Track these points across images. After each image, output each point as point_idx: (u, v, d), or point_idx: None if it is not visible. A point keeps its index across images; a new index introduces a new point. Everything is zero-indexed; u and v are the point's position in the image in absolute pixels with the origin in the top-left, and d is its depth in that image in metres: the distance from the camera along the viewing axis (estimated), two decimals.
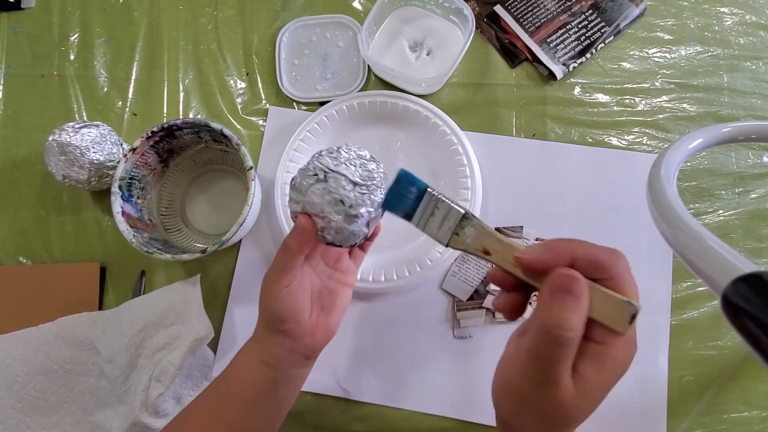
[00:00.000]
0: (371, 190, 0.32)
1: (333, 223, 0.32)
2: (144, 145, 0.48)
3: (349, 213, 0.31)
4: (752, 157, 0.53)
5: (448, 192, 0.51)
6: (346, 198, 0.31)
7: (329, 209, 0.31)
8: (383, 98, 0.52)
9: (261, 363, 0.35)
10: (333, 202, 0.31)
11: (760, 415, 0.47)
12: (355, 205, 0.31)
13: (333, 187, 0.31)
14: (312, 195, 0.32)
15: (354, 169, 0.32)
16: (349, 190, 0.31)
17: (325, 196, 0.31)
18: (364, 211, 0.32)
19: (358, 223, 0.32)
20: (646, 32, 0.56)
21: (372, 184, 0.32)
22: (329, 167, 0.32)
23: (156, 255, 0.45)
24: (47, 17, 0.59)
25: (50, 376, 0.48)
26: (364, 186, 0.32)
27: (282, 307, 0.33)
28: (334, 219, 0.31)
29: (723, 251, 0.23)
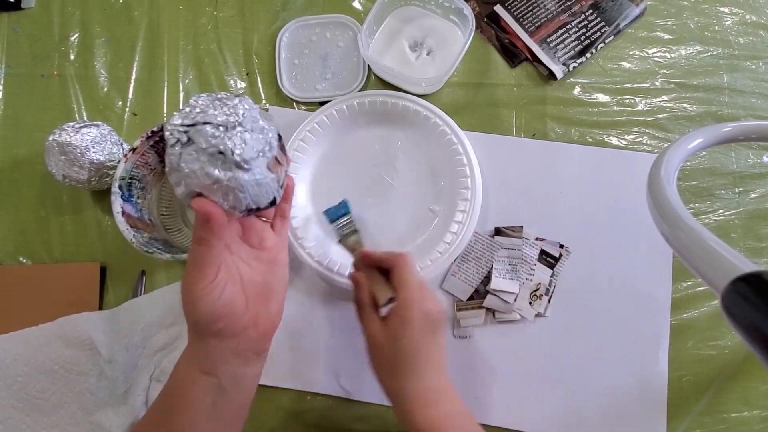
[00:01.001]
0: (249, 126, 0.26)
1: (229, 182, 0.26)
2: (144, 144, 0.48)
3: (237, 161, 0.25)
4: (752, 156, 0.53)
5: (448, 191, 0.51)
6: (223, 145, 0.25)
7: (214, 169, 0.25)
8: (383, 98, 0.52)
9: (201, 373, 0.31)
10: (213, 160, 0.25)
11: (760, 414, 0.47)
12: (238, 148, 0.25)
13: (202, 142, 0.25)
14: (186, 164, 0.26)
15: (214, 112, 0.26)
16: (221, 136, 0.25)
17: (200, 155, 0.25)
18: (252, 151, 0.26)
19: (256, 168, 0.26)
20: (646, 32, 0.56)
21: (244, 118, 0.26)
22: (186, 124, 0.26)
23: (156, 255, 0.45)
24: (47, 17, 0.59)
25: (50, 376, 0.48)
26: (236, 124, 0.26)
27: (210, 305, 0.29)
28: (226, 178, 0.26)
29: (723, 251, 0.23)
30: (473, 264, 0.50)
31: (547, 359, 0.49)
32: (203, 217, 0.27)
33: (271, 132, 0.28)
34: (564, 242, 0.51)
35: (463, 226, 0.49)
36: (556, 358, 0.49)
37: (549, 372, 0.49)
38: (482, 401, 0.48)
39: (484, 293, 0.50)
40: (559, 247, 0.51)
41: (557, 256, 0.50)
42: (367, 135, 0.54)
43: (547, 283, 0.50)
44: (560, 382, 0.49)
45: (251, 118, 0.26)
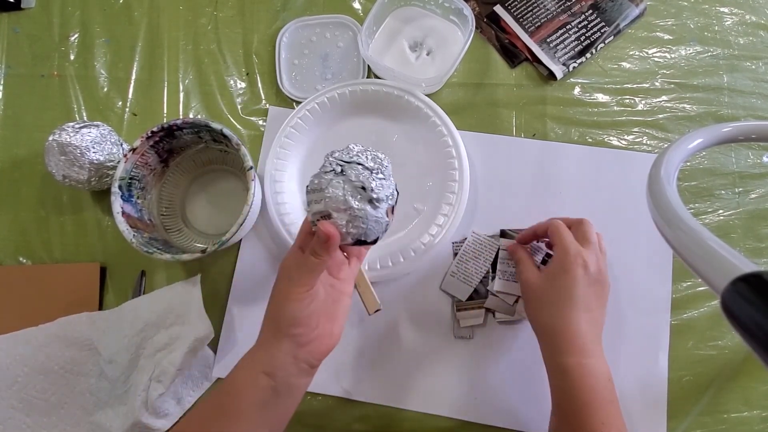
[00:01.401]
0: (386, 176, 0.34)
1: (358, 212, 0.32)
2: (144, 145, 0.48)
3: (372, 198, 0.32)
4: (752, 157, 0.53)
5: (435, 192, 0.51)
6: (366, 183, 0.32)
7: (352, 199, 0.32)
8: (388, 89, 0.52)
9: (263, 373, 0.34)
10: (355, 191, 0.32)
11: (760, 415, 0.47)
12: (376, 189, 0.32)
13: (352, 176, 0.32)
14: (332, 189, 0.32)
15: (366, 158, 0.33)
16: (367, 176, 0.32)
17: (346, 185, 0.32)
18: (384, 194, 0.33)
19: (381, 208, 0.33)
20: (646, 32, 0.56)
21: (385, 169, 0.34)
22: (343, 160, 0.33)
23: (156, 255, 0.45)
24: (47, 17, 0.59)
25: (50, 376, 0.48)
26: (379, 171, 0.33)
27: (299, 310, 0.33)
28: (359, 208, 0.32)
29: (723, 251, 0.23)
30: (472, 264, 0.50)
31: None
32: (325, 235, 0.32)
33: (396, 187, 0.35)
34: None
35: (442, 229, 0.49)
36: None
37: None
38: (483, 401, 0.48)
39: (485, 293, 0.50)
40: None
41: None
42: (366, 123, 0.54)
43: None
44: None
45: (390, 171, 0.34)
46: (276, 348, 0.34)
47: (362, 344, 0.50)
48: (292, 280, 0.34)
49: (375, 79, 0.54)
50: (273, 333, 0.35)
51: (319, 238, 0.32)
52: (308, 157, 0.54)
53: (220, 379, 0.50)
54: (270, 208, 0.51)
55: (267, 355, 0.34)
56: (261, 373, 0.34)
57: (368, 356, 0.50)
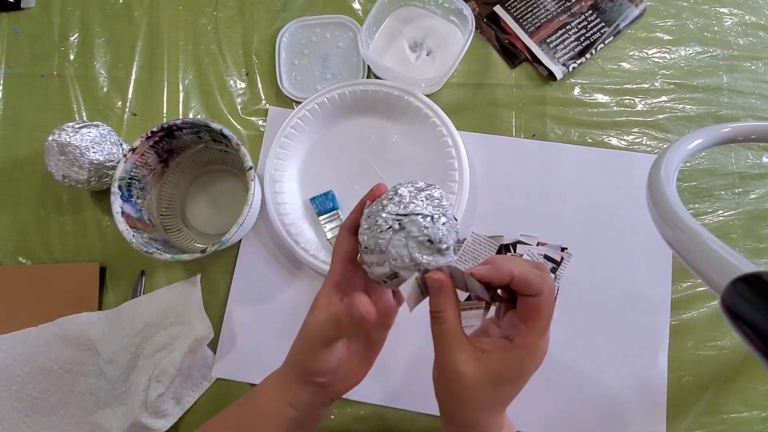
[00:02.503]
0: (448, 216, 0.30)
1: (429, 266, 0.29)
2: (144, 145, 0.48)
3: (441, 248, 0.29)
4: (752, 157, 0.53)
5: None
6: (432, 235, 0.29)
7: (420, 255, 0.29)
8: (388, 89, 0.52)
9: (289, 405, 0.33)
10: (421, 246, 0.29)
11: (760, 415, 0.47)
12: (444, 237, 0.29)
13: (414, 231, 0.29)
14: (395, 249, 0.29)
15: (422, 203, 0.30)
16: (430, 227, 0.29)
17: (410, 242, 0.29)
18: (452, 239, 0.30)
19: (450, 253, 0.30)
20: (646, 33, 0.57)
21: (445, 210, 0.30)
22: (398, 213, 0.30)
23: (156, 255, 0.45)
24: (47, 17, 0.59)
25: (50, 376, 0.48)
26: (440, 215, 0.30)
27: (325, 363, 0.31)
28: (428, 261, 0.29)
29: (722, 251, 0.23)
30: (471, 264, 0.50)
31: (547, 360, 0.49)
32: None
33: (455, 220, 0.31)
34: (563, 243, 0.51)
35: None
36: (557, 359, 0.49)
37: (549, 373, 0.48)
38: None
39: None
40: (560, 251, 0.51)
41: (559, 260, 0.50)
42: (366, 123, 0.54)
43: None
44: (560, 382, 0.49)
45: (449, 209, 0.31)
46: (299, 388, 0.33)
47: None
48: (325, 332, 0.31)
49: (375, 79, 0.54)
50: (296, 375, 0.33)
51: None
52: (308, 157, 0.54)
53: (220, 379, 0.50)
54: (270, 208, 0.51)
55: (291, 392, 0.33)
56: (287, 404, 0.33)
57: None
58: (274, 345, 0.35)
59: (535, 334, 0.29)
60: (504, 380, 0.29)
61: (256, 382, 0.49)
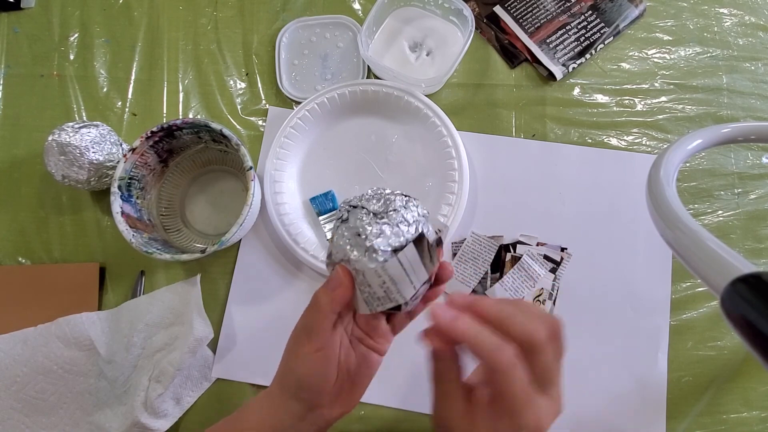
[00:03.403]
0: (392, 222, 0.27)
1: (356, 263, 0.26)
2: (143, 145, 0.48)
3: (367, 246, 0.26)
4: (751, 157, 0.53)
5: (434, 193, 0.51)
6: (362, 228, 0.26)
7: (350, 249, 0.26)
8: (387, 89, 0.52)
9: (271, 429, 0.30)
10: (351, 238, 0.27)
11: (760, 415, 0.47)
12: (370, 235, 0.26)
13: (352, 223, 0.27)
14: (337, 238, 0.28)
15: (376, 202, 0.28)
16: (367, 221, 0.26)
17: (346, 233, 0.27)
18: (383, 244, 0.26)
19: (378, 259, 0.26)
20: (646, 33, 0.57)
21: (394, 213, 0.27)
22: (351, 204, 0.28)
23: (155, 255, 0.45)
24: (47, 17, 0.59)
25: (49, 376, 0.48)
26: (384, 215, 0.27)
27: (305, 372, 0.29)
28: (355, 259, 0.26)
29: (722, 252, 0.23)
30: (471, 265, 0.50)
31: None
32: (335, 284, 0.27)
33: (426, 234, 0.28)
34: (563, 243, 0.51)
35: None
36: None
37: None
38: None
39: (482, 294, 0.50)
40: (560, 251, 0.51)
41: (559, 261, 0.50)
42: (366, 123, 0.54)
43: (549, 287, 0.50)
44: None
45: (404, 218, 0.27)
46: (282, 408, 0.30)
47: None
48: (299, 340, 0.29)
49: (375, 79, 0.54)
50: (281, 389, 0.31)
51: (328, 282, 0.28)
52: (308, 157, 0.54)
53: (220, 379, 0.50)
54: (269, 209, 0.51)
55: (273, 411, 0.30)
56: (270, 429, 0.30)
57: None
58: (274, 345, 0.35)
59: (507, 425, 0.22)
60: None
61: (255, 382, 0.49)
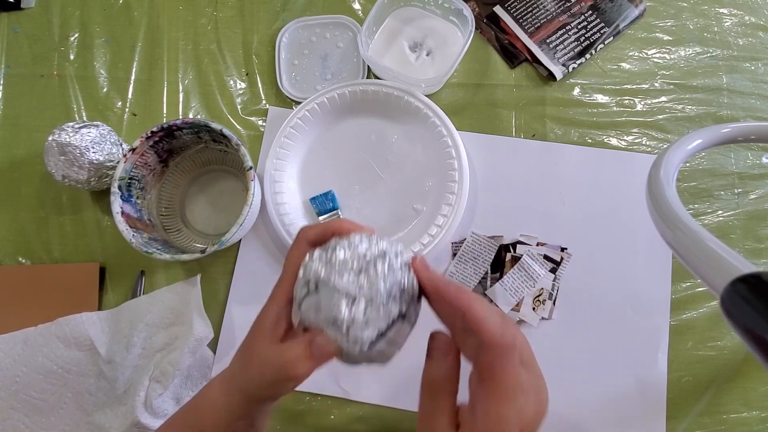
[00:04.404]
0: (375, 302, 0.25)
1: (339, 342, 0.25)
2: (143, 145, 0.48)
3: (349, 337, 0.24)
4: (751, 157, 0.53)
5: (434, 193, 0.51)
6: (340, 320, 0.24)
7: (328, 329, 0.25)
8: (387, 89, 0.52)
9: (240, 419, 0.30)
10: (328, 321, 0.25)
11: (760, 415, 0.47)
12: (357, 331, 0.24)
13: (324, 303, 0.25)
14: (306, 310, 0.26)
15: (349, 275, 0.25)
16: (343, 308, 0.24)
17: (319, 313, 0.25)
18: (370, 333, 0.24)
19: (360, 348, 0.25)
20: (646, 33, 0.57)
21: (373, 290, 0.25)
22: (320, 275, 0.25)
23: (155, 255, 0.45)
24: (47, 17, 0.59)
25: (49, 376, 0.48)
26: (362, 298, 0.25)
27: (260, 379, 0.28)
28: (338, 340, 0.25)
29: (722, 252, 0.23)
30: (471, 265, 0.50)
31: (547, 361, 0.49)
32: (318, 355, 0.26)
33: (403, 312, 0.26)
34: (563, 243, 0.51)
35: (442, 230, 0.49)
36: (556, 360, 0.49)
37: (549, 373, 0.48)
38: None
39: (482, 295, 0.50)
40: (560, 251, 0.51)
41: (559, 260, 0.50)
42: (366, 123, 0.54)
43: (549, 287, 0.50)
44: (560, 383, 0.49)
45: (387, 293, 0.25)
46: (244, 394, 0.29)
47: None
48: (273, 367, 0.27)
49: (375, 79, 0.54)
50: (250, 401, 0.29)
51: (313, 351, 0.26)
52: (308, 157, 0.54)
53: None
54: (269, 208, 0.51)
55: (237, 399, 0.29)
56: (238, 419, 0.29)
57: None
58: None
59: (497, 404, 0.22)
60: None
61: None
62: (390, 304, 0.25)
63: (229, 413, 0.30)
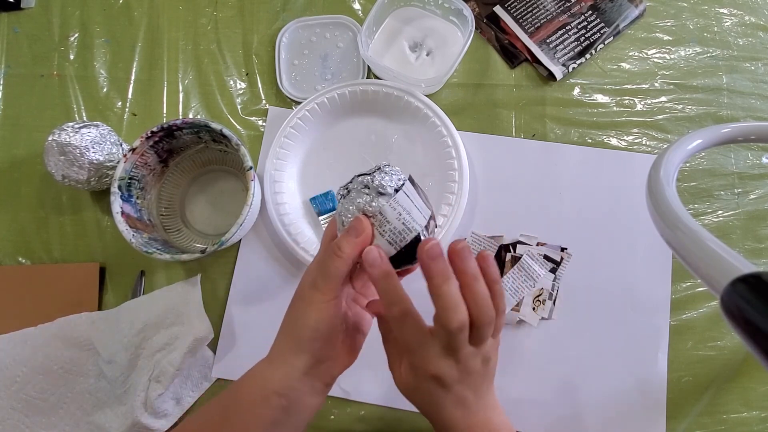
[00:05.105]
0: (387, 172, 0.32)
1: (374, 208, 0.30)
2: (143, 145, 0.48)
3: (380, 191, 0.30)
4: (751, 157, 0.53)
5: (434, 193, 0.51)
6: (369, 183, 0.31)
7: (363, 200, 0.30)
8: (387, 89, 0.52)
9: (275, 393, 0.31)
10: (360, 193, 0.31)
11: (760, 415, 0.47)
12: (376, 182, 0.31)
13: (355, 188, 0.32)
14: (343, 209, 0.32)
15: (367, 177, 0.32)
16: (368, 180, 0.31)
17: (353, 195, 0.31)
18: (391, 183, 0.31)
19: (390, 193, 0.30)
20: (646, 33, 0.57)
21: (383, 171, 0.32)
22: (345, 184, 0.33)
23: (155, 255, 0.45)
24: (47, 17, 0.59)
25: (49, 376, 0.48)
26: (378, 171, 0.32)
27: (321, 321, 0.30)
28: (369, 203, 0.30)
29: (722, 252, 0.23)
30: None
31: (547, 361, 0.49)
32: (357, 231, 0.30)
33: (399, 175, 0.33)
34: (563, 243, 0.51)
35: (442, 230, 0.49)
36: (557, 360, 0.49)
37: (549, 373, 0.49)
38: None
39: None
40: (560, 251, 0.51)
41: (559, 260, 0.50)
42: (366, 123, 0.54)
43: (549, 287, 0.50)
44: (560, 383, 0.49)
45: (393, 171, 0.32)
46: (290, 365, 0.31)
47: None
48: (315, 287, 0.31)
49: (375, 79, 0.54)
50: (290, 347, 0.32)
51: (350, 230, 0.30)
52: (308, 157, 0.54)
53: (220, 380, 0.50)
54: (269, 208, 0.51)
55: (280, 372, 0.32)
56: (273, 393, 0.31)
57: (367, 357, 0.50)
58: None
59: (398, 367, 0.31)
60: None
61: None
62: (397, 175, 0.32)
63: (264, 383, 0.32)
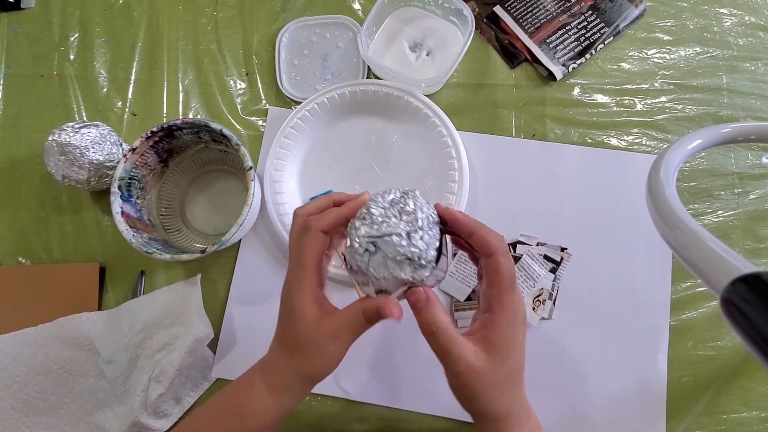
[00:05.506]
0: (425, 227, 0.29)
1: (414, 280, 0.29)
2: (143, 145, 0.48)
3: (421, 263, 0.29)
4: (751, 157, 0.53)
5: (434, 193, 0.51)
6: (410, 253, 0.28)
7: (400, 272, 0.29)
8: (387, 89, 0.52)
9: (267, 391, 0.33)
10: (400, 264, 0.29)
11: (760, 415, 0.47)
12: (422, 253, 0.28)
13: (390, 252, 0.28)
14: (374, 270, 0.29)
15: (395, 221, 0.29)
16: (407, 245, 0.28)
17: (388, 262, 0.29)
18: (433, 248, 0.29)
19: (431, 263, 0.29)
20: (646, 33, 0.57)
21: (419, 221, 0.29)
22: (371, 235, 0.29)
23: (155, 255, 0.45)
24: (47, 17, 0.59)
25: (49, 376, 0.48)
26: (415, 229, 0.29)
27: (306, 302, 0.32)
28: (412, 278, 0.29)
29: (722, 252, 0.23)
30: (471, 265, 0.50)
31: (547, 361, 0.49)
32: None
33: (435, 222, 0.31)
34: (563, 243, 0.51)
35: None
36: (557, 360, 0.49)
37: (549, 373, 0.49)
38: None
39: None
40: (560, 251, 0.51)
41: (559, 261, 0.50)
42: (366, 123, 0.54)
43: (549, 287, 0.50)
44: (560, 383, 0.49)
45: (426, 218, 0.30)
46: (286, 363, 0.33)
47: (361, 345, 0.50)
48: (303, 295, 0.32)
49: (375, 79, 0.54)
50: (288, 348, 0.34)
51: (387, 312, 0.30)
52: (308, 157, 0.54)
53: (220, 380, 0.50)
54: (269, 208, 0.51)
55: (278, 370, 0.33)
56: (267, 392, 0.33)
57: (367, 357, 0.50)
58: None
59: (504, 291, 0.30)
60: (504, 350, 0.31)
61: None
62: (433, 228, 0.30)
63: (279, 410, 0.33)
